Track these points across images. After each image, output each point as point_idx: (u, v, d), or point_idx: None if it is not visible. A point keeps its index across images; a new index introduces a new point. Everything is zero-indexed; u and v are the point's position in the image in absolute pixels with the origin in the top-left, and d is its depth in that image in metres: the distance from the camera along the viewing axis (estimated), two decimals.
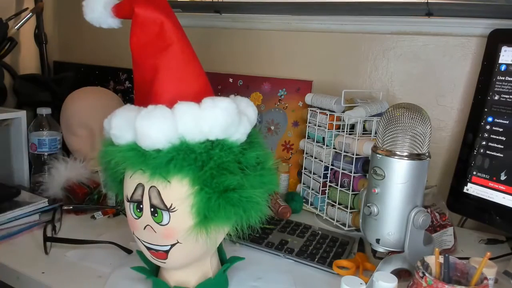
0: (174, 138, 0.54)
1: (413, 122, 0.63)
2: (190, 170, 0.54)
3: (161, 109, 0.54)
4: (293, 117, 1.13)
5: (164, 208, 0.55)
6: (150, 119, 0.53)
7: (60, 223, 0.88)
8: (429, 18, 1.00)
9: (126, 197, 0.59)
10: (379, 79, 1.09)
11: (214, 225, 0.56)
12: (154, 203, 0.56)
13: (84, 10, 0.62)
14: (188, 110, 0.54)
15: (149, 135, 0.53)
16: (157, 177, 0.54)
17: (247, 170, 0.57)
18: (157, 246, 0.58)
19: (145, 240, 0.59)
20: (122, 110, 0.58)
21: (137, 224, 0.59)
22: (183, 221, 0.56)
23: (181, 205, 0.55)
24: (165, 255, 0.58)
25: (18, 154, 1.05)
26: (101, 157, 0.61)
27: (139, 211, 0.58)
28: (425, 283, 0.52)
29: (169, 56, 0.57)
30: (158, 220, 0.56)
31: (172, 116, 0.54)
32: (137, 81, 0.61)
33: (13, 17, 1.29)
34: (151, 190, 0.56)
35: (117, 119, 0.57)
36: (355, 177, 0.90)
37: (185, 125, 0.54)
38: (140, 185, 0.57)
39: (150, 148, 0.54)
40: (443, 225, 0.86)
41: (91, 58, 1.51)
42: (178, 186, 0.55)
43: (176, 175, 0.54)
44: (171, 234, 0.56)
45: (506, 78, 0.85)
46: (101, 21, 0.62)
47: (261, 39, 1.22)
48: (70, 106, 1.12)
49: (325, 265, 0.76)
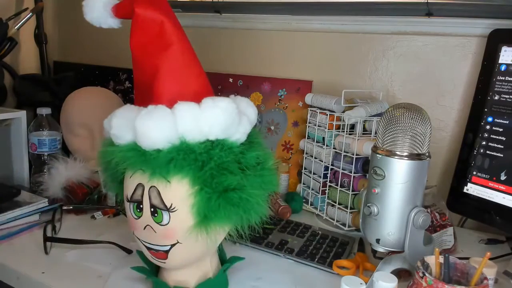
0: (174, 138, 0.54)
1: (413, 122, 0.63)
2: (190, 170, 0.54)
3: (161, 109, 0.54)
4: (293, 117, 1.13)
5: (164, 208, 0.55)
6: (150, 119, 0.53)
7: (60, 223, 0.88)
8: (429, 18, 1.00)
9: (126, 197, 0.59)
10: (379, 79, 1.09)
11: (214, 225, 0.56)
12: (154, 203, 0.56)
13: (84, 10, 0.62)
14: (188, 110, 0.54)
15: (149, 135, 0.53)
16: (157, 177, 0.54)
17: (247, 170, 0.57)
18: (157, 246, 0.58)
19: (145, 240, 0.59)
20: (122, 110, 0.58)
21: (137, 224, 0.59)
22: (183, 221, 0.56)
23: (181, 205, 0.55)
24: (165, 255, 0.58)
25: (18, 154, 1.05)
26: (101, 157, 0.61)
27: (139, 211, 0.58)
28: (425, 283, 0.52)
29: (170, 56, 0.57)
30: (158, 220, 0.56)
31: (172, 116, 0.54)
32: (137, 81, 0.61)
33: (13, 17, 1.29)
34: (151, 190, 0.56)
35: (117, 119, 0.57)
36: (355, 177, 0.90)
37: (185, 125, 0.54)
38: (140, 185, 0.57)
39: (150, 148, 0.54)
40: (443, 225, 0.86)
41: (91, 58, 1.51)
42: (178, 186, 0.55)
43: (176, 175, 0.54)
44: (171, 234, 0.57)
45: (506, 78, 0.85)
46: (101, 21, 0.62)
47: (261, 39, 1.22)
48: (70, 106, 1.12)
49: (325, 265, 0.76)
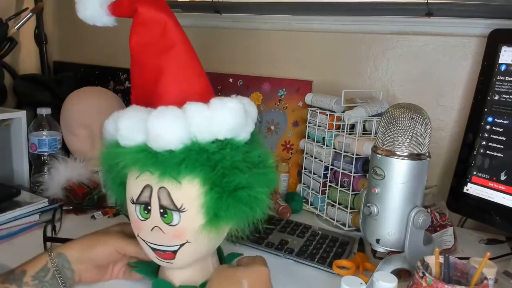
0: (186, 138, 0.54)
1: (413, 122, 0.63)
2: (202, 170, 0.54)
3: (172, 109, 0.53)
4: (293, 117, 1.13)
5: (174, 209, 0.55)
6: (164, 119, 0.53)
7: (60, 223, 0.88)
8: (429, 18, 1.00)
9: (130, 199, 0.58)
10: (379, 79, 1.09)
11: (224, 223, 0.56)
12: (164, 204, 0.55)
13: (77, 7, 0.60)
14: (199, 110, 0.54)
15: (163, 136, 0.52)
16: (167, 178, 0.54)
17: (253, 168, 0.57)
18: (165, 246, 0.57)
19: (152, 241, 0.58)
20: (131, 111, 0.56)
21: (143, 225, 0.58)
22: (193, 221, 0.56)
23: (191, 205, 0.55)
24: (172, 255, 0.58)
25: (18, 154, 1.05)
26: (105, 159, 0.59)
27: (146, 212, 0.57)
28: (425, 283, 0.52)
29: (174, 56, 0.57)
30: (167, 221, 0.56)
31: (184, 117, 0.53)
32: (137, 81, 0.60)
33: (13, 17, 1.29)
34: (161, 191, 0.55)
35: (126, 120, 0.55)
36: (355, 177, 0.90)
37: (197, 125, 0.54)
38: (147, 186, 0.56)
39: (162, 149, 0.53)
40: (443, 225, 0.86)
41: (91, 58, 1.51)
42: (189, 186, 0.54)
43: (187, 176, 0.54)
44: (181, 234, 0.56)
45: (506, 78, 0.85)
46: (95, 19, 0.60)
47: (261, 39, 1.22)
48: (70, 106, 1.12)
49: (325, 265, 0.76)
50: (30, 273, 0.58)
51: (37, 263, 0.60)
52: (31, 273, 0.58)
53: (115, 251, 0.64)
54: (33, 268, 0.59)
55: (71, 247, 0.63)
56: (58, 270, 0.60)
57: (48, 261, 0.60)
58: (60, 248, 0.62)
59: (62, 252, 0.61)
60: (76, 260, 0.62)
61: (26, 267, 0.59)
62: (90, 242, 0.64)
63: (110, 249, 0.64)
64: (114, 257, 0.65)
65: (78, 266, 0.62)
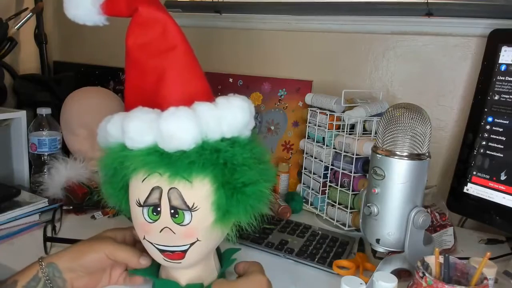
0: (199, 138, 0.54)
1: (413, 122, 0.63)
2: (214, 168, 0.54)
3: (185, 110, 0.53)
4: (293, 117, 1.13)
5: (186, 209, 0.55)
6: (178, 120, 0.52)
7: (60, 223, 0.88)
8: (429, 18, 1.01)
9: (136, 202, 0.57)
10: (379, 79, 1.09)
11: (234, 219, 0.57)
12: (175, 204, 0.55)
13: (65, 5, 0.58)
14: (209, 110, 0.55)
15: (177, 136, 0.52)
16: (178, 179, 0.53)
17: (258, 164, 0.58)
18: (175, 247, 0.57)
19: (160, 243, 0.57)
20: (138, 113, 0.55)
21: (151, 228, 0.57)
22: (204, 219, 0.56)
23: (202, 203, 0.55)
24: (182, 255, 0.57)
25: (18, 154, 1.05)
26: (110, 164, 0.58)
27: (155, 214, 0.56)
28: (425, 283, 0.52)
29: (176, 57, 0.56)
30: (178, 221, 0.55)
31: (195, 117, 0.53)
32: (134, 82, 0.59)
33: (13, 17, 1.29)
34: (171, 191, 0.55)
35: (135, 122, 0.54)
36: (355, 177, 0.90)
37: (208, 125, 0.54)
38: (156, 188, 0.55)
39: (175, 149, 0.53)
40: (443, 225, 0.86)
41: (91, 58, 1.51)
42: (200, 185, 0.54)
43: (198, 175, 0.54)
44: (192, 233, 0.56)
45: (506, 78, 0.85)
46: (86, 18, 0.58)
47: (261, 39, 1.22)
48: (70, 106, 1.12)
49: (325, 265, 0.76)
50: (21, 283, 0.58)
51: (28, 273, 0.59)
52: (22, 283, 0.58)
53: (105, 257, 0.62)
54: (24, 278, 0.59)
55: (62, 256, 0.62)
56: (49, 280, 0.59)
57: (39, 270, 0.59)
58: (50, 257, 0.61)
59: (52, 262, 0.60)
60: (67, 269, 0.61)
61: (17, 277, 0.59)
62: (80, 250, 0.62)
63: (100, 256, 0.62)
64: (105, 263, 0.63)
65: (70, 274, 0.61)
